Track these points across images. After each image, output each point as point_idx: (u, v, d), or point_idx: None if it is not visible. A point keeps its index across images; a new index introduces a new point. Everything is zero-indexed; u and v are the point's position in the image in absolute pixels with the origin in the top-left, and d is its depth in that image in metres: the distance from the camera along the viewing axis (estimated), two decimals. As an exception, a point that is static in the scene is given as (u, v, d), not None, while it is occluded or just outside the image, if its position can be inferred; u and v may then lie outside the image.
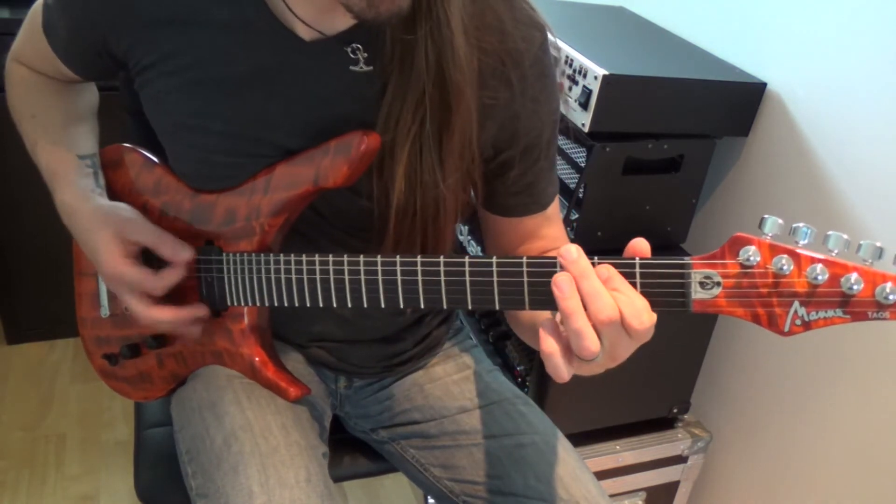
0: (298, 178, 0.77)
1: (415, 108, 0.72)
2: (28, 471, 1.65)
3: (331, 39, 0.74)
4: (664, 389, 1.44)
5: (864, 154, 1.16)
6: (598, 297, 0.57)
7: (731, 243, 0.58)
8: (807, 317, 0.57)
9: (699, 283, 0.59)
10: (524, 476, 0.86)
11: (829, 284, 0.56)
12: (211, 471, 0.79)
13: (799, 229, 0.56)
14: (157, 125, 0.82)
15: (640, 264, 0.60)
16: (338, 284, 0.74)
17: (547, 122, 0.82)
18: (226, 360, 0.87)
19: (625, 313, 0.57)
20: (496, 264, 0.65)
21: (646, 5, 1.61)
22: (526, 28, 0.77)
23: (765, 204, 1.34)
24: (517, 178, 0.84)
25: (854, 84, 1.16)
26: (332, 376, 1.01)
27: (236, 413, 0.83)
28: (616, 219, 1.31)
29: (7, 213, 1.78)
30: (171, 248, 0.80)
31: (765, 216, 0.57)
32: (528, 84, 0.78)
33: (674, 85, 1.22)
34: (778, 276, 0.57)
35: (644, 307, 0.58)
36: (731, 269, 0.58)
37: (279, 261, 0.77)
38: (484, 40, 0.74)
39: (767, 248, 0.57)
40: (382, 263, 0.70)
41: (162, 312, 0.81)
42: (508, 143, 0.81)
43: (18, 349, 1.98)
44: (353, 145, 0.73)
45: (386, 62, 0.73)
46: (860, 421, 1.21)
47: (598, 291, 0.57)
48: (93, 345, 0.97)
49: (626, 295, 0.58)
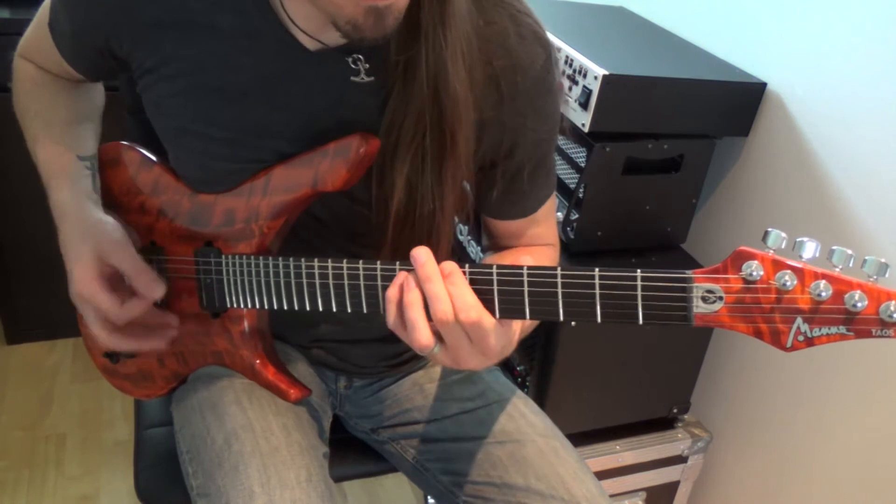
0: (297, 180, 0.77)
1: (416, 121, 0.73)
2: (28, 471, 1.65)
3: (333, 50, 0.74)
4: (664, 389, 1.44)
5: (863, 154, 1.16)
6: (438, 299, 0.63)
7: (734, 257, 0.58)
8: (809, 333, 0.57)
9: (701, 298, 0.59)
10: (524, 476, 0.86)
11: (833, 301, 0.55)
12: (212, 470, 0.79)
13: (803, 243, 0.56)
14: (159, 128, 0.82)
15: (641, 277, 0.60)
16: (337, 289, 0.74)
17: (546, 138, 0.83)
18: (226, 360, 0.87)
19: (455, 308, 0.63)
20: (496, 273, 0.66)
21: (646, 5, 1.61)
22: (530, 45, 0.77)
23: (765, 204, 1.34)
24: (515, 186, 0.85)
25: (854, 84, 1.16)
26: (333, 376, 1.01)
27: (237, 413, 0.83)
28: (616, 219, 1.31)
29: (7, 213, 1.78)
30: (145, 283, 0.79)
31: (768, 229, 0.56)
32: (529, 100, 0.78)
33: (674, 85, 1.22)
34: (781, 292, 0.56)
35: (474, 305, 0.63)
36: (734, 284, 0.58)
37: (278, 264, 0.77)
38: (487, 55, 0.75)
39: (770, 262, 0.57)
40: (382, 269, 0.70)
41: (120, 342, 0.80)
42: (506, 156, 0.82)
43: (18, 349, 1.98)
44: (353, 149, 0.73)
45: (389, 74, 0.73)
46: (859, 421, 1.21)
47: (439, 294, 0.63)
48: (94, 343, 0.97)
49: (459, 290, 0.64)
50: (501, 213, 0.89)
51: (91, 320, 0.80)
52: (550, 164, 0.88)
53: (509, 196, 0.86)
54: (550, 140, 0.85)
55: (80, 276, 0.78)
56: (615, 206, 1.29)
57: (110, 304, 0.78)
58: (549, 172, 0.89)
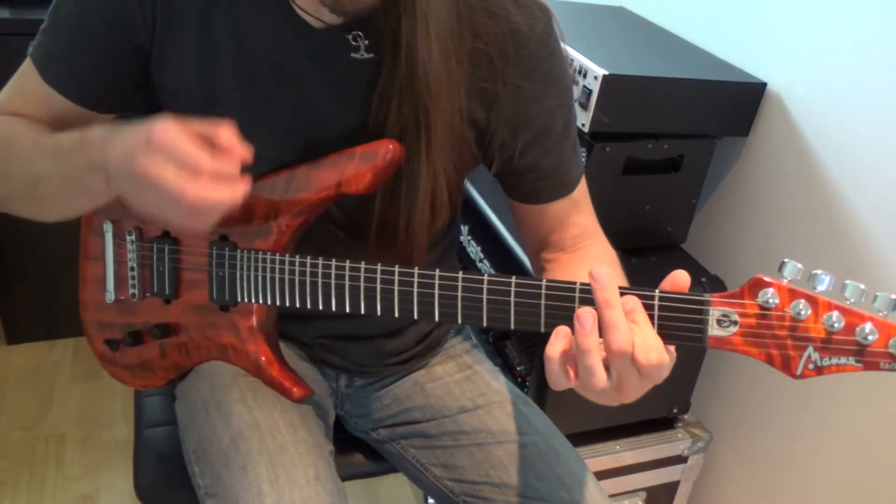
0: (321, 181, 0.78)
1: (400, 99, 0.74)
2: (28, 471, 1.65)
3: (335, 28, 0.75)
4: (664, 389, 1.41)
5: (863, 154, 1.16)
6: (616, 329, 0.58)
7: (752, 285, 0.59)
8: (819, 362, 0.58)
9: (717, 321, 0.61)
10: (524, 476, 0.86)
11: (845, 332, 0.57)
12: (219, 470, 0.79)
13: (818, 276, 0.57)
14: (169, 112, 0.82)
15: (659, 297, 0.61)
16: (352, 290, 0.75)
17: (560, 103, 0.82)
18: (230, 355, 0.87)
19: (637, 347, 0.58)
20: (514, 284, 0.66)
21: (646, 5, 1.61)
22: (529, 9, 0.77)
23: (765, 204, 1.34)
24: (537, 161, 0.83)
25: (854, 84, 1.16)
26: (334, 375, 1.01)
27: (243, 412, 0.83)
28: (616, 219, 1.30)
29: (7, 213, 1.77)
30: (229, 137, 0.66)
31: (784, 260, 0.58)
32: (534, 66, 0.78)
33: (674, 85, 1.22)
34: (795, 321, 0.58)
35: (656, 345, 0.59)
36: (750, 310, 0.60)
37: (294, 262, 0.77)
38: (485, 24, 0.75)
39: (787, 291, 0.58)
40: (400, 273, 0.71)
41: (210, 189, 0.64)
42: (522, 127, 0.81)
43: (18, 349, 1.98)
44: (380, 154, 0.75)
45: (384, 50, 0.75)
46: (860, 421, 1.21)
47: (618, 324, 0.59)
48: (95, 329, 0.96)
49: (643, 329, 0.60)
50: (534, 196, 0.86)
51: (174, 177, 0.63)
52: (574, 137, 0.86)
53: (539, 174, 0.84)
54: (567, 106, 0.83)
55: (163, 127, 0.64)
56: (615, 206, 1.29)
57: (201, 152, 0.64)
58: (574, 145, 0.86)
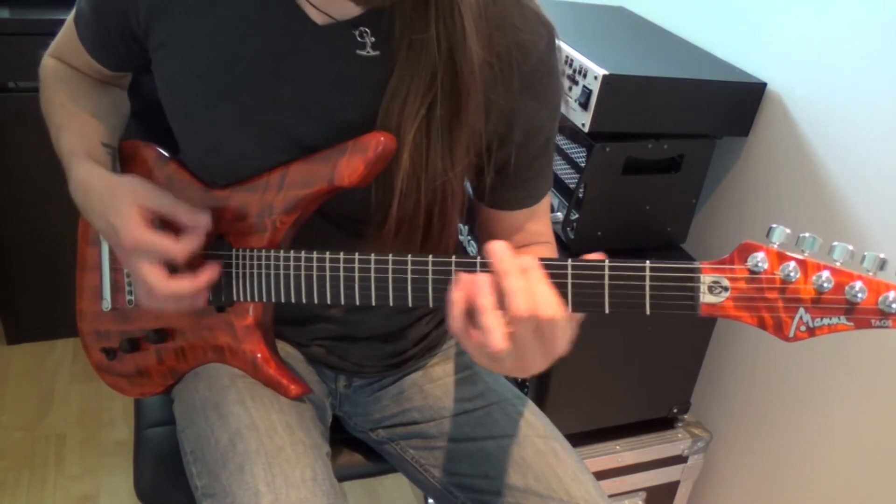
0: (314, 176, 0.78)
1: (423, 93, 0.74)
2: (28, 471, 1.65)
3: (340, 23, 0.75)
4: (664, 389, 1.44)
5: (863, 154, 1.16)
6: (514, 294, 0.60)
7: (740, 250, 0.60)
8: (811, 323, 0.59)
9: (708, 288, 0.61)
10: (523, 477, 0.86)
11: (835, 292, 0.57)
12: (217, 470, 0.79)
13: (805, 239, 0.58)
14: (171, 110, 0.83)
15: (650, 268, 0.62)
16: (347, 282, 0.75)
17: (549, 120, 0.83)
18: (227, 356, 0.87)
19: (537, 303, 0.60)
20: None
21: (646, 5, 1.61)
22: (533, 25, 0.78)
23: (765, 204, 1.34)
24: (515, 173, 0.84)
25: (854, 84, 1.16)
26: (332, 375, 1.01)
27: (241, 412, 0.83)
28: (616, 219, 1.31)
29: (7, 213, 1.77)
30: (189, 213, 0.78)
31: (772, 226, 0.59)
32: (533, 81, 0.79)
33: (674, 85, 1.22)
34: (785, 283, 0.59)
35: (551, 302, 0.60)
36: (740, 275, 0.60)
37: (289, 258, 0.78)
38: (492, 35, 0.75)
39: (775, 255, 0.59)
40: (393, 262, 0.71)
41: (180, 284, 0.77)
42: (509, 138, 0.82)
43: (18, 349, 1.98)
44: (371, 146, 0.74)
45: (395, 48, 0.74)
46: (860, 420, 1.21)
47: (516, 290, 0.60)
48: (91, 339, 0.97)
49: (539, 287, 0.61)
50: (502, 203, 0.88)
51: (149, 273, 0.76)
52: (551, 154, 0.88)
53: (511, 183, 0.86)
54: (552, 126, 0.85)
55: (128, 228, 0.76)
56: (615, 206, 1.29)
57: (169, 242, 0.76)
58: (549, 162, 0.88)
